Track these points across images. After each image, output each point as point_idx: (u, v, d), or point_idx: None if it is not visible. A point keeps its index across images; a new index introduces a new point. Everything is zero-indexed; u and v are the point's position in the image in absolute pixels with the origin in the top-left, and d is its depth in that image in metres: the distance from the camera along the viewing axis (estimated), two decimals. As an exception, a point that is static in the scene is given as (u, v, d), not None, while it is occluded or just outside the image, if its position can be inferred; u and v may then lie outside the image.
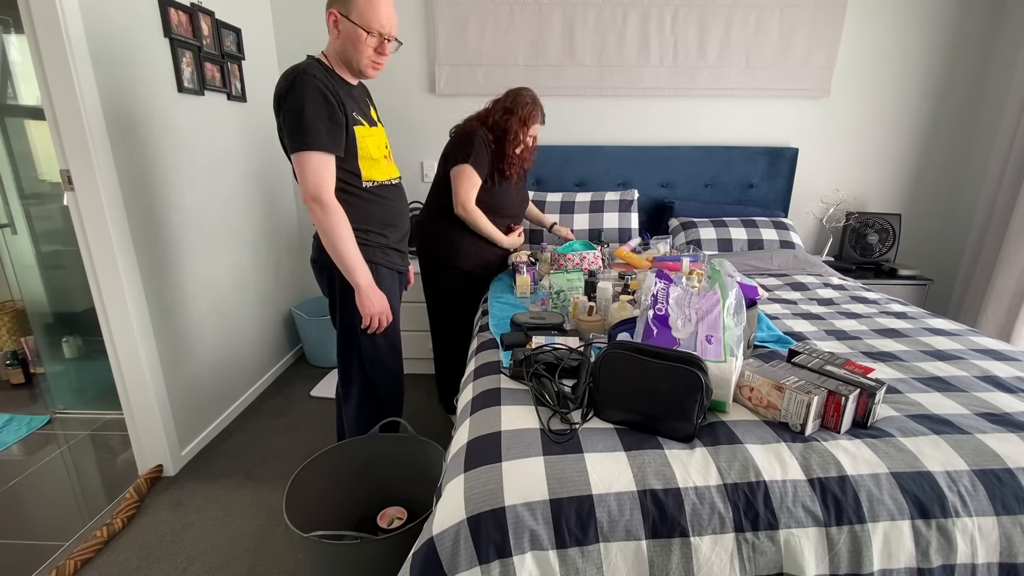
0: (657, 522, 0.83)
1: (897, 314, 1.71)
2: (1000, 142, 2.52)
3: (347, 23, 1.31)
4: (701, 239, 2.49)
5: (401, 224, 1.56)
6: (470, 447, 0.96)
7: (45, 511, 1.77)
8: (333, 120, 1.30)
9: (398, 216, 1.54)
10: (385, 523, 1.51)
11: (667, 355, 0.98)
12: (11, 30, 2.32)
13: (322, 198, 1.30)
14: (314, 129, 1.27)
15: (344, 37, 1.33)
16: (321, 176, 1.30)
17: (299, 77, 1.27)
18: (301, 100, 1.26)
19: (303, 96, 1.26)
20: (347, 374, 1.61)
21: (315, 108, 1.26)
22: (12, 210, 2.43)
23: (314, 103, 1.26)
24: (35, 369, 2.68)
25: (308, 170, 1.29)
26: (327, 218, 1.32)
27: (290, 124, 1.28)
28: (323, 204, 1.31)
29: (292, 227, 2.93)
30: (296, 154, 1.29)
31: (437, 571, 0.81)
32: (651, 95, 2.72)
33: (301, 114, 1.26)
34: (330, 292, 1.53)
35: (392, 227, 1.52)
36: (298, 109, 1.26)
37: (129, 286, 1.74)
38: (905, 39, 2.63)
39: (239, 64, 2.36)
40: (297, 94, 1.26)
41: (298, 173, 1.31)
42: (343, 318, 1.53)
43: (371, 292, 1.42)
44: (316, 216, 1.32)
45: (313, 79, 1.28)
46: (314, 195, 1.30)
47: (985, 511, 0.85)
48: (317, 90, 1.27)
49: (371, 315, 1.43)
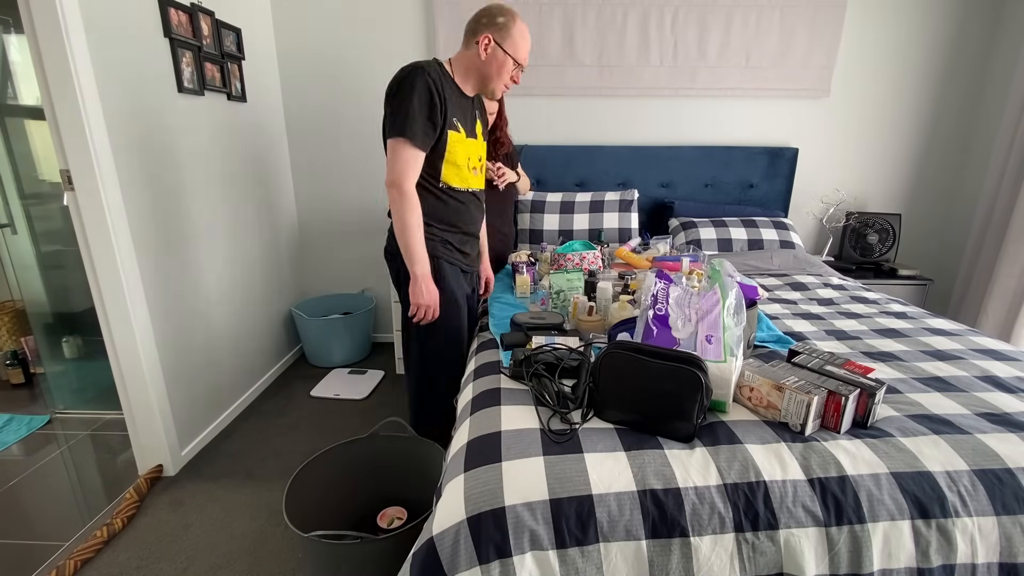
0: (657, 522, 0.83)
1: (897, 314, 1.71)
2: (1000, 142, 2.52)
3: (499, 50, 1.43)
4: (701, 239, 2.49)
5: (468, 228, 1.60)
6: (470, 447, 0.96)
7: (45, 511, 1.77)
8: (431, 119, 1.37)
9: (465, 220, 1.58)
10: (385, 523, 1.51)
11: (667, 355, 0.98)
12: (11, 30, 2.32)
13: (403, 185, 1.36)
14: (413, 122, 1.34)
15: (490, 59, 1.44)
16: (407, 165, 1.37)
17: (415, 71, 1.35)
18: (410, 93, 1.33)
19: (414, 89, 1.34)
20: (406, 363, 1.68)
21: (420, 103, 1.34)
22: (12, 210, 2.43)
23: (420, 98, 1.34)
24: (35, 369, 2.68)
25: (398, 158, 1.36)
26: (402, 204, 1.37)
27: (393, 113, 1.36)
28: (401, 191, 1.37)
29: (292, 227, 2.93)
30: (392, 139, 1.36)
31: (437, 571, 0.81)
32: (651, 95, 2.72)
33: (405, 103, 1.33)
34: (396, 279, 1.58)
35: (457, 228, 1.56)
36: (405, 100, 1.33)
37: (129, 286, 1.74)
38: (905, 39, 2.63)
39: (239, 64, 2.36)
40: (409, 86, 1.34)
41: (389, 157, 1.38)
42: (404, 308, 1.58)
43: (424, 283, 1.45)
44: (393, 201, 1.38)
45: (427, 76, 1.35)
46: (396, 181, 1.36)
47: (985, 511, 0.85)
48: (427, 87, 1.34)
49: (418, 304, 1.46)
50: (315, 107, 2.78)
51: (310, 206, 2.96)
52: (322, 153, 2.86)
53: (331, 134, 2.82)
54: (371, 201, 2.93)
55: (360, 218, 2.96)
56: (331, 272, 3.08)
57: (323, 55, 2.70)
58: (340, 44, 2.68)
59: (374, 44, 2.67)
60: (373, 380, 2.67)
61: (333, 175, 2.90)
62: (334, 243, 3.02)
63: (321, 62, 2.70)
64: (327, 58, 2.70)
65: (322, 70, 2.72)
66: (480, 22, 1.44)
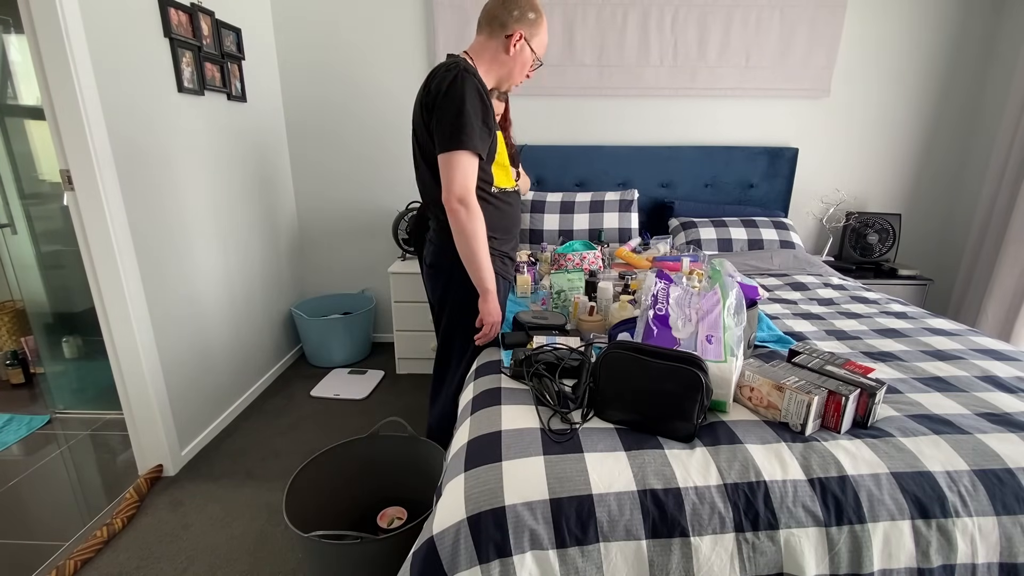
0: (657, 522, 0.83)
1: (897, 314, 1.71)
2: (1000, 142, 2.52)
3: (527, 47, 1.37)
4: (701, 239, 2.49)
5: (516, 232, 1.56)
6: (470, 446, 0.96)
7: (45, 511, 1.77)
8: (486, 124, 1.29)
9: (515, 224, 1.54)
10: (385, 523, 1.51)
11: (667, 355, 0.98)
12: (11, 30, 2.32)
13: (468, 200, 1.28)
14: (471, 129, 1.24)
15: (516, 56, 1.38)
16: (468, 178, 1.27)
17: (461, 76, 1.25)
18: (462, 99, 1.23)
19: (464, 95, 1.23)
20: (441, 378, 1.59)
21: (474, 109, 1.25)
22: (12, 210, 2.43)
23: (473, 104, 1.24)
24: (35, 369, 2.68)
25: (458, 170, 1.26)
26: (472, 221, 1.28)
27: (447, 122, 1.25)
28: (468, 206, 1.28)
29: (292, 227, 2.93)
30: (448, 153, 1.25)
31: (437, 570, 0.81)
32: (651, 95, 2.72)
33: (459, 114, 1.23)
34: (442, 296, 1.50)
35: (510, 234, 1.51)
36: (457, 108, 1.23)
37: (129, 286, 1.74)
38: (905, 39, 2.63)
39: (239, 64, 2.36)
40: (458, 93, 1.24)
41: (446, 172, 1.27)
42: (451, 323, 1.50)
43: (495, 299, 1.39)
44: (460, 219, 1.28)
45: (474, 80, 1.26)
46: (461, 196, 1.26)
47: (985, 511, 0.85)
48: (476, 91, 1.26)
49: (492, 323, 1.39)
50: (315, 107, 2.78)
51: (310, 206, 2.96)
52: (322, 153, 2.86)
53: (331, 134, 2.82)
54: (371, 201, 2.93)
55: (360, 218, 2.96)
56: (331, 272, 3.08)
57: (323, 55, 2.70)
58: (340, 44, 2.68)
59: (374, 44, 2.67)
60: (373, 380, 2.67)
61: (333, 175, 2.90)
62: (334, 243, 3.03)
63: (321, 62, 2.70)
64: (327, 58, 2.70)
65: (322, 70, 2.72)
66: (512, 14, 1.34)
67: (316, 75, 2.73)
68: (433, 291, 1.54)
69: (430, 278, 1.53)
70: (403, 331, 2.68)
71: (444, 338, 1.55)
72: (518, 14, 1.34)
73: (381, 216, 2.93)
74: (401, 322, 2.66)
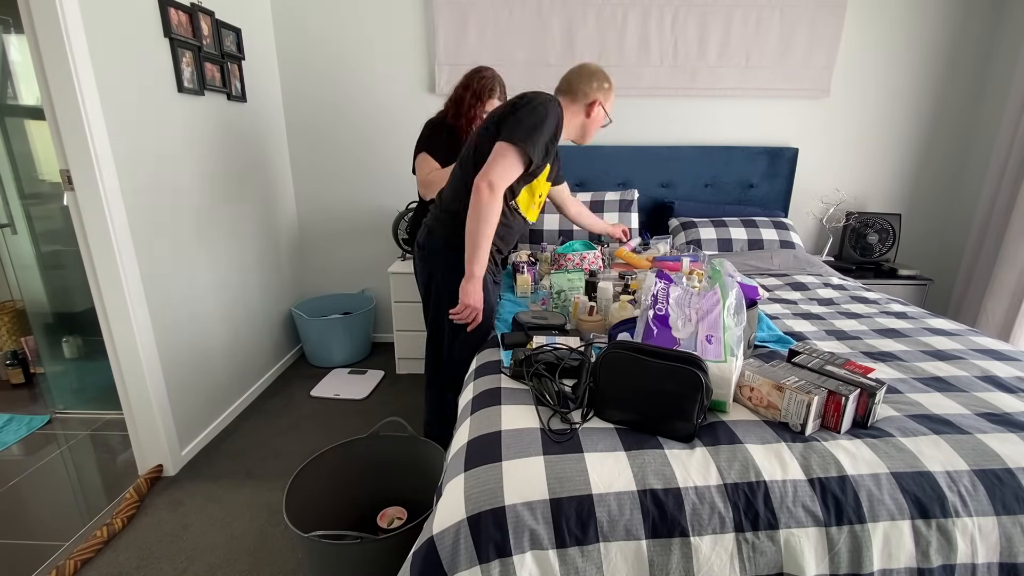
0: (657, 522, 0.83)
1: (897, 314, 1.71)
2: (1000, 142, 2.52)
3: (601, 111, 1.57)
4: (701, 239, 2.49)
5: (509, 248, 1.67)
6: (470, 446, 0.96)
7: (45, 511, 1.77)
8: (549, 149, 1.42)
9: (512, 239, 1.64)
10: (385, 523, 1.51)
11: (667, 355, 0.98)
12: (11, 30, 2.32)
13: (497, 185, 1.36)
14: (538, 139, 1.37)
15: (592, 117, 1.57)
16: (509, 173, 1.37)
17: (553, 101, 1.42)
18: (546, 115, 1.38)
19: (549, 114, 1.39)
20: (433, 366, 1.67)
21: (549, 129, 1.39)
22: (12, 210, 2.43)
23: (550, 126, 1.39)
24: (35, 369, 2.68)
25: (505, 162, 1.35)
26: (492, 202, 1.36)
27: (523, 122, 1.37)
28: (494, 190, 1.36)
29: (292, 227, 2.93)
30: (507, 144, 1.35)
31: (437, 570, 0.81)
32: (651, 95, 2.72)
33: (539, 123, 1.37)
34: (428, 279, 1.59)
35: (505, 243, 1.61)
36: (539, 118, 1.37)
37: (129, 286, 1.74)
38: (905, 39, 2.63)
39: (239, 64, 2.36)
40: (546, 110, 1.39)
41: (494, 158, 1.37)
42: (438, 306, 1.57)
43: (478, 285, 1.44)
44: (483, 196, 1.35)
45: (559, 110, 1.43)
46: (493, 181, 1.35)
47: (985, 511, 0.85)
48: (558, 118, 1.42)
49: (468, 304, 1.44)
50: (315, 107, 2.78)
51: (310, 206, 2.96)
52: (322, 153, 2.86)
53: (331, 134, 2.82)
54: (371, 201, 2.93)
55: (360, 218, 2.96)
56: (331, 272, 3.08)
57: (323, 55, 2.70)
58: (340, 44, 2.68)
59: (374, 44, 2.67)
60: (373, 380, 2.67)
61: (333, 175, 2.90)
62: (334, 243, 3.02)
63: (321, 62, 2.70)
64: (327, 58, 2.70)
65: (322, 70, 2.72)
66: (592, 85, 1.54)
67: (316, 75, 2.73)
68: (422, 273, 1.61)
69: (420, 260, 1.60)
70: (403, 331, 2.68)
71: (433, 320, 1.60)
72: (597, 85, 1.55)
73: (381, 216, 2.93)
74: (401, 322, 2.65)
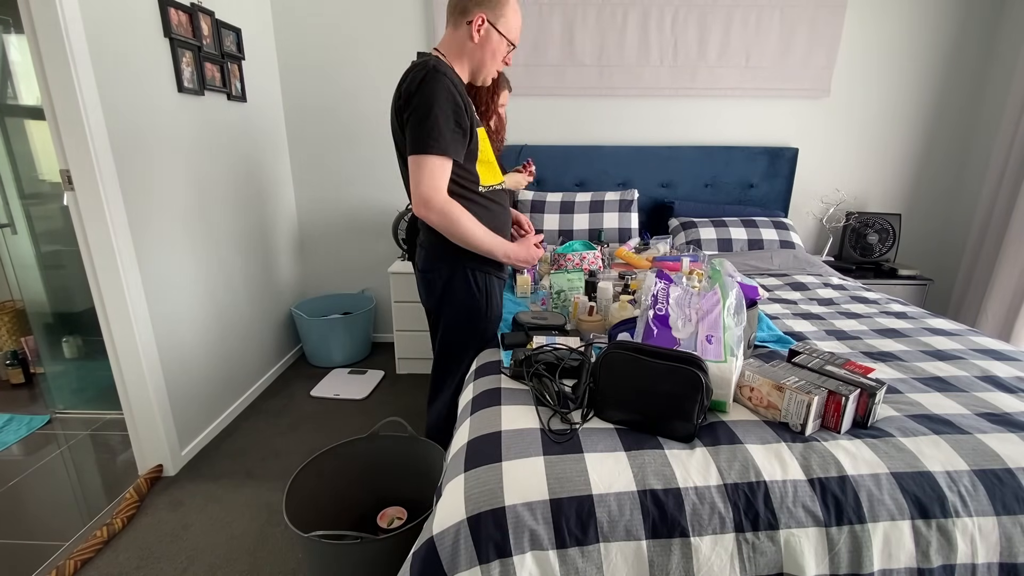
0: (657, 522, 0.83)
1: (897, 314, 1.71)
2: (1000, 142, 2.52)
3: (493, 31, 1.30)
4: (701, 239, 2.49)
5: (507, 231, 1.50)
6: (470, 447, 0.96)
7: (45, 511, 1.77)
8: (459, 125, 1.24)
9: (505, 223, 1.49)
10: (385, 523, 1.51)
11: (667, 355, 0.98)
12: (11, 30, 2.32)
13: (433, 201, 1.24)
14: (438, 133, 1.20)
15: (483, 42, 1.30)
16: (435, 179, 1.23)
17: (431, 75, 1.20)
18: (431, 101, 1.19)
19: (433, 97, 1.19)
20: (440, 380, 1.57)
21: (443, 111, 1.20)
22: (12, 210, 2.43)
23: (443, 106, 1.20)
24: (35, 369, 2.68)
25: (423, 173, 1.22)
26: (444, 219, 1.26)
27: (415, 124, 1.21)
28: (435, 207, 1.24)
29: (292, 227, 2.93)
30: (415, 156, 1.22)
31: (437, 571, 0.81)
32: (651, 95, 2.72)
33: (427, 116, 1.19)
34: (437, 304, 1.46)
35: (501, 234, 1.45)
36: (426, 110, 1.19)
37: (129, 286, 1.74)
38: (905, 39, 2.63)
39: (239, 64, 2.36)
40: (427, 93, 1.19)
41: (414, 175, 1.24)
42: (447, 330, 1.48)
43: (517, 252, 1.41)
44: (433, 222, 1.26)
45: (445, 79, 1.20)
46: (425, 200, 1.23)
47: (985, 511, 0.85)
48: (448, 92, 1.20)
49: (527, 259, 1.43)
50: (315, 107, 2.78)
51: (310, 206, 2.96)
52: (322, 153, 2.86)
53: (331, 134, 2.82)
54: (371, 201, 2.93)
55: (360, 218, 2.96)
56: (331, 272, 3.08)
57: (323, 55, 2.70)
58: (340, 44, 2.68)
59: (374, 44, 2.67)
60: (373, 380, 2.67)
61: (333, 175, 2.90)
62: (334, 243, 3.03)
63: (321, 62, 2.70)
64: (327, 58, 2.70)
65: (322, 70, 2.72)
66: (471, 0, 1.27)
67: (316, 75, 2.73)
68: (428, 298, 1.51)
69: (423, 284, 1.50)
70: (403, 331, 2.68)
71: (441, 344, 1.52)
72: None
73: (381, 216, 2.93)
74: (401, 322, 2.66)
